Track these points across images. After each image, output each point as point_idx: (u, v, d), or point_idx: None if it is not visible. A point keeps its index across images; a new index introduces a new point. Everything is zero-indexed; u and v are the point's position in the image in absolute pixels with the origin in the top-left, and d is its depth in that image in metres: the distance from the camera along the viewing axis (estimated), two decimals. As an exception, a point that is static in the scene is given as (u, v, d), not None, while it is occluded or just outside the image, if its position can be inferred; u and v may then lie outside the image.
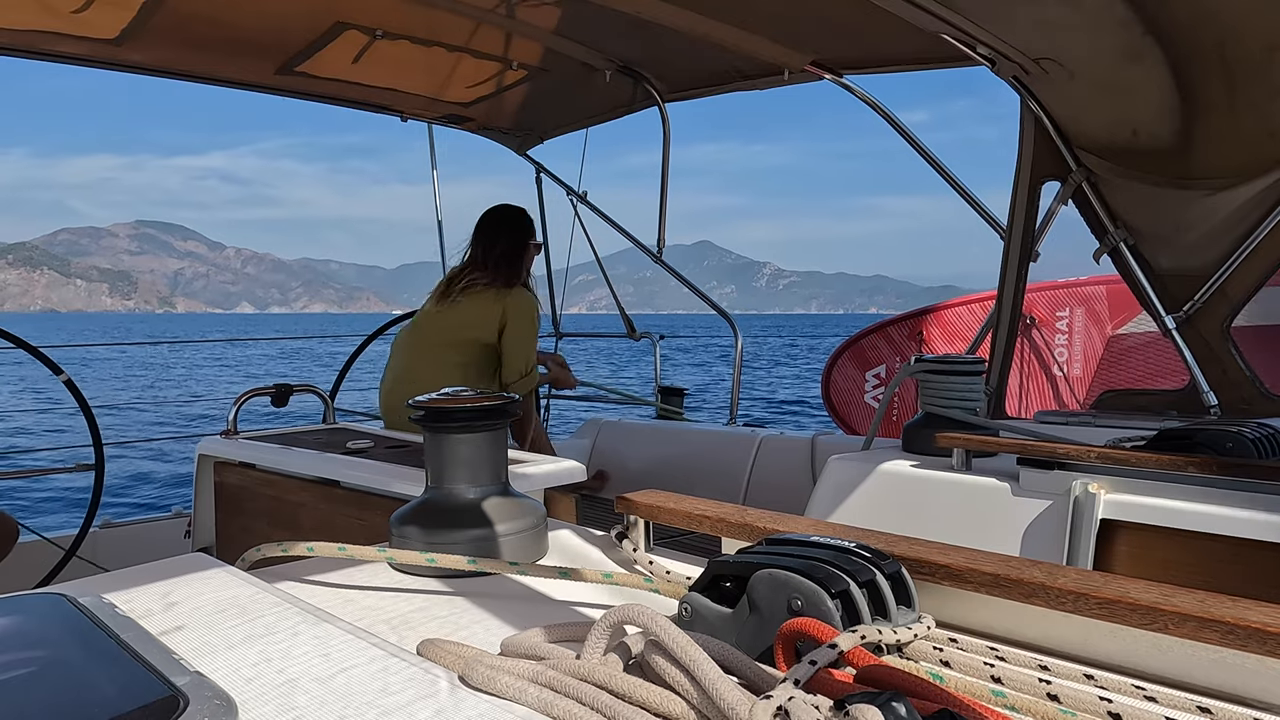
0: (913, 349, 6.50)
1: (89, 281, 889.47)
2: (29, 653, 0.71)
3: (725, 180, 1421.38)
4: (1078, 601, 0.80)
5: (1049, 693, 0.68)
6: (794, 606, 0.76)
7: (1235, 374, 2.81)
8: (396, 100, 4.22)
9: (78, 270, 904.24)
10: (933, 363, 2.38)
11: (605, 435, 4.53)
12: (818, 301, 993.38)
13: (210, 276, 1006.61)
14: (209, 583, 0.93)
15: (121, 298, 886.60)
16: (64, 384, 3.36)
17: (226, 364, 44.42)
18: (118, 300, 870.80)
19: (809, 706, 0.56)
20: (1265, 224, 2.65)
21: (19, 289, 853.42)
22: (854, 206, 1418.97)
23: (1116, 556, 1.78)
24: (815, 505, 2.24)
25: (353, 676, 0.68)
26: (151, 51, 3.43)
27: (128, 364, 41.02)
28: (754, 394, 25.57)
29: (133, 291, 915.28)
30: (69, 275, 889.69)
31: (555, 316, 5.29)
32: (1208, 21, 2.27)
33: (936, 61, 3.18)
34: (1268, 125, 2.44)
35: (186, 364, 43.69)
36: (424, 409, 1.17)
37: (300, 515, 2.28)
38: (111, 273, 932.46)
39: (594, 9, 3.06)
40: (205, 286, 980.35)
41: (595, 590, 1.06)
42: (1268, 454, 1.86)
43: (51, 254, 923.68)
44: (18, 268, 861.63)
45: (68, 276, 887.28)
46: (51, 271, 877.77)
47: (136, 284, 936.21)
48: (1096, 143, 2.88)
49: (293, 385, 2.95)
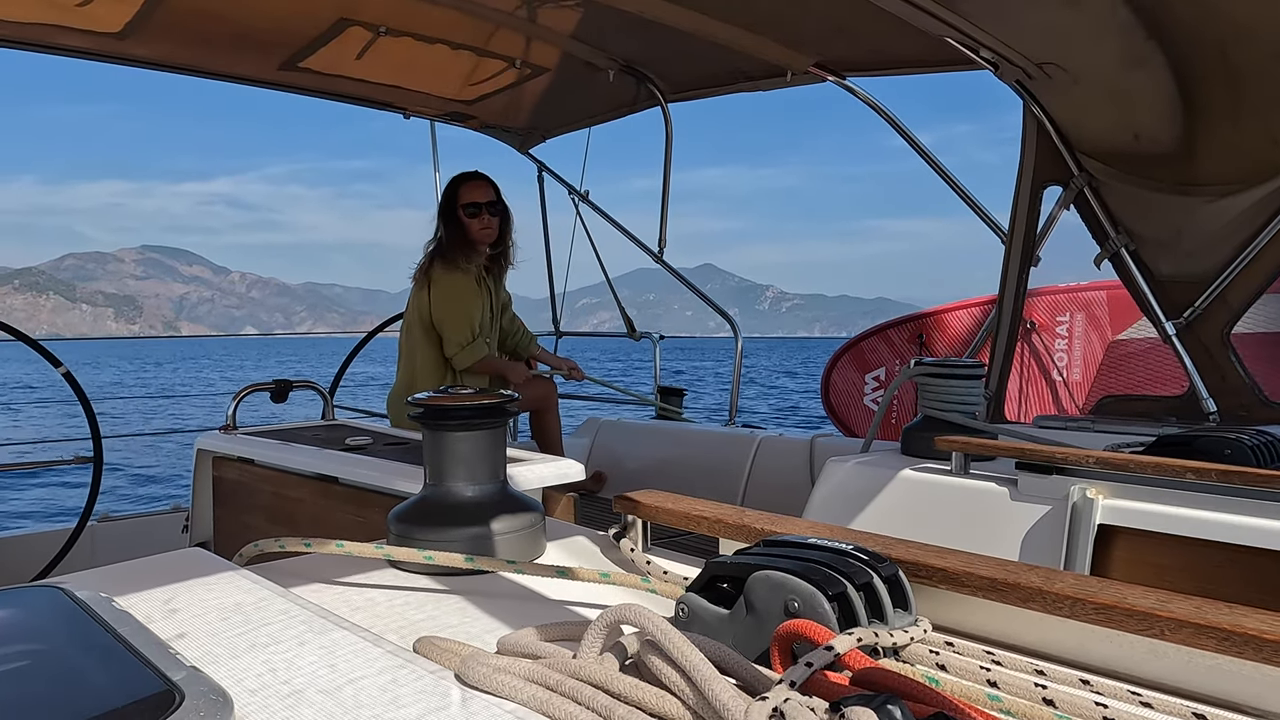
0: (912, 352, 6.50)
1: (94, 306, 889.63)
2: (25, 646, 0.71)
3: (728, 204, 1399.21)
4: (1074, 606, 0.80)
5: (1045, 697, 0.68)
6: (791, 608, 0.76)
7: (1234, 381, 2.81)
8: (399, 97, 4.22)
9: (83, 295, 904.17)
10: (932, 366, 2.38)
11: (604, 435, 4.52)
12: (820, 324, 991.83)
13: (215, 301, 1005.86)
14: (208, 582, 0.93)
15: (127, 322, 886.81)
16: (63, 376, 3.36)
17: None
18: (123, 324, 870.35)
19: (805, 709, 0.56)
20: (1266, 231, 2.65)
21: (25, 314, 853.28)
22: (857, 229, 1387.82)
23: (1114, 562, 1.77)
24: (813, 507, 2.24)
25: (360, 688, 0.68)
26: (155, 46, 3.43)
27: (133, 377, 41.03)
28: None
29: (138, 316, 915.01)
30: (74, 300, 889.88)
31: (556, 315, 5.28)
32: (1211, 27, 2.27)
33: (939, 65, 3.18)
34: (1270, 131, 2.43)
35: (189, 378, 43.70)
36: (423, 406, 1.17)
37: (298, 511, 2.28)
38: (117, 297, 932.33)
39: (598, 8, 3.06)
40: (210, 311, 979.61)
41: (592, 590, 1.06)
42: (1266, 461, 1.86)
43: (57, 279, 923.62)
44: (24, 293, 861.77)
45: (73, 301, 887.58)
46: (57, 296, 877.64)
47: (142, 308, 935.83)
48: (1099, 148, 2.88)
49: (292, 381, 2.95)
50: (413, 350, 3.63)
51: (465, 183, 3.62)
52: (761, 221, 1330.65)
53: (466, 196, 3.58)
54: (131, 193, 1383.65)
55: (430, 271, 3.58)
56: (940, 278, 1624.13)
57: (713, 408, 17.69)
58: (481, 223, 3.57)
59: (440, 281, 3.54)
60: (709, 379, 35.45)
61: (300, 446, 2.32)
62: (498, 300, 3.75)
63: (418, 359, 3.60)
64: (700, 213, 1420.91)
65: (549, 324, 5.24)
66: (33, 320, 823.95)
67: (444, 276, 3.54)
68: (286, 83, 3.92)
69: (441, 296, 3.53)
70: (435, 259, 3.60)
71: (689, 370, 39.15)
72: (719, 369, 37.03)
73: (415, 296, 3.63)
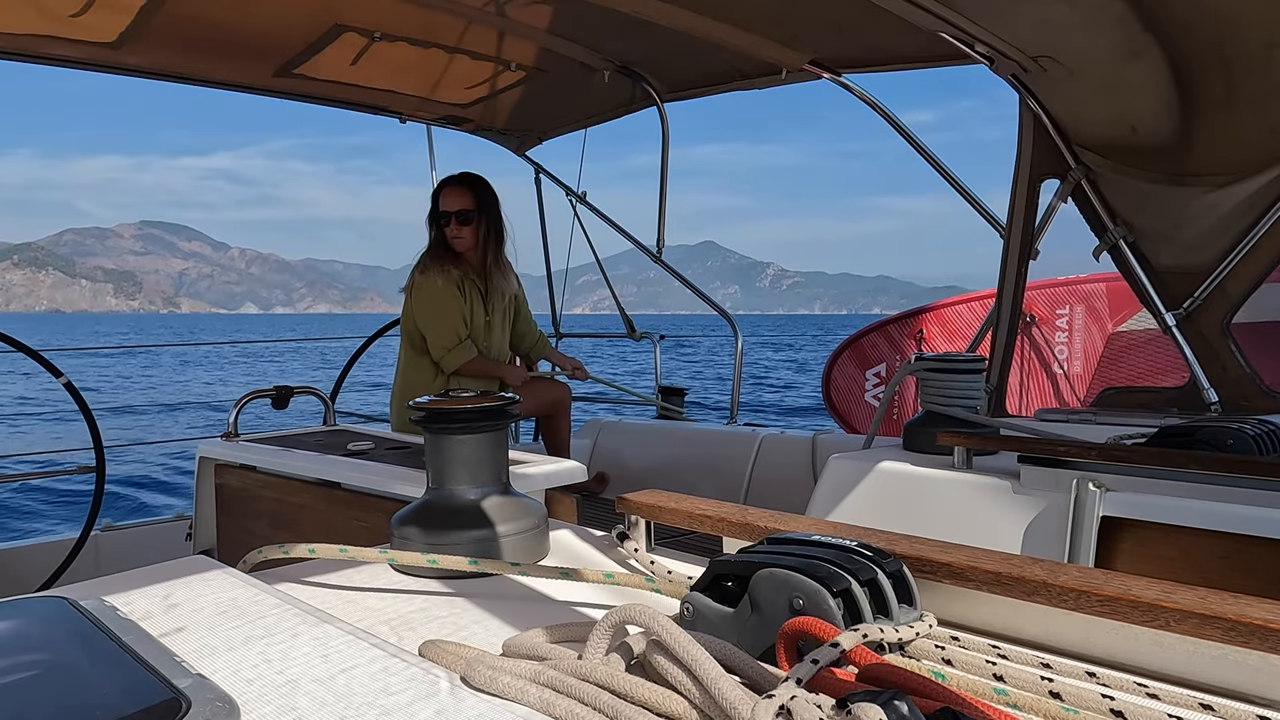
0: (913, 348, 6.49)
1: (94, 282, 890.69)
2: (31, 656, 0.71)
3: (729, 180, 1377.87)
4: (1079, 599, 0.80)
5: (1051, 690, 0.68)
6: (796, 605, 0.76)
7: (1235, 371, 2.81)
8: (395, 101, 4.22)
9: (83, 271, 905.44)
10: (933, 361, 2.38)
11: (606, 435, 4.53)
12: (821, 302, 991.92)
13: (215, 277, 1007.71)
14: (210, 585, 0.93)
15: (126, 298, 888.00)
16: (64, 387, 3.36)
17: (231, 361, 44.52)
18: (122, 301, 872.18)
19: (811, 705, 0.56)
20: (1265, 220, 2.65)
21: (24, 289, 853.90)
22: (858, 206, 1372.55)
23: (1118, 554, 1.78)
24: (816, 504, 2.24)
25: (353, 677, 0.68)
26: (149, 55, 3.43)
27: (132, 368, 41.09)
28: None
29: (137, 292, 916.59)
30: (74, 276, 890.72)
31: (555, 317, 5.28)
32: (1207, 18, 2.27)
33: (935, 60, 3.18)
34: (1267, 122, 2.43)
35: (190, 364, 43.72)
36: (424, 410, 1.17)
37: (301, 517, 2.28)
38: (116, 273, 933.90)
39: (592, 9, 3.06)
40: (210, 287, 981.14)
41: (596, 590, 1.06)
42: (1268, 450, 1.86)
43: (57, 254, 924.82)
44: (23, 268, 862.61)
45: (73, 277, 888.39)
46: (57, 272, 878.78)
47: (141, 284, 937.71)
48: (1095, 140, 2.88)
49: (293, 387, 2.95)
50: (407, 355, 3.71)
51: (445, 188, 3.66)
52: (762, 198, 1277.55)
53: (442, 203, 3.64)
54: (130, 167, 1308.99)
55: (412, 277, 3.68)
56: (941, 256, 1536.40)
57: (715, 406, 17.68)
58: (452, 230, 3.61)
59: (420, 287, 3.62)
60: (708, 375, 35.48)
61: (302, 452, 2.32)
62: (495, 303, 3.74)
63: (411, 364, 3.67)
64: (701, 189, 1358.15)
65: (547, 311, 5.24)
66: (32, 296, 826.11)
67: (422, 282, 3.61)
68: (282, 89, 3.92)
69: (420, 302, 3.60)
70: (416, 266, 3.69)
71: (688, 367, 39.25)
72: (719, 364, 37.10)
73: (405, 303, 3.71)
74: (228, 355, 47.55)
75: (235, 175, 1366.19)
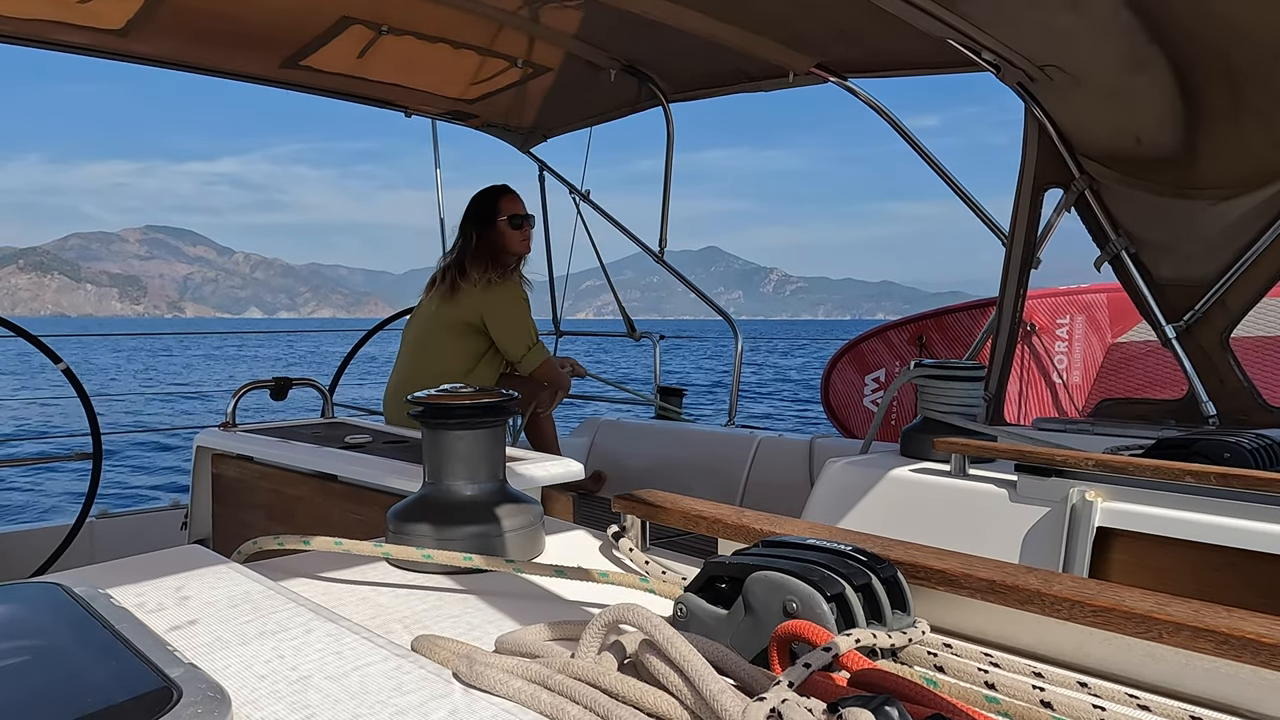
0: (912, 354, 6.49)
1: (99, 286, 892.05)
2: (23, 642, 0.71)
3: (734, 185, 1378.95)
4: (1073, 609, 0.80)
5: (1043, 700, 0.68)
6: (789, 609, 0.76)
7: (1234, 384, 2.81)
8: (401, 96, 4.22)
9: (88, 275, 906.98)
10: (932, 368, 2.38)
11: (603, 435, 4.53)
12: (824, 307, 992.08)
13: (219, 281, 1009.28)
14: (208, 577, 0.93)
15: (131, 302, 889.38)
16: (62, 372, 3.36)
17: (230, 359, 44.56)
18: (127, 305, 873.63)
19: (802, 709, 0.56)
20: (1267, 235, 2.65)
21: (30, 293, 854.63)
22: (862, 212, 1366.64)
23: (1112, 564, 1.78)
24: (812, 508, 2.24)
25: (367, 675, 0.69)
26: (156, 43, 3.43)
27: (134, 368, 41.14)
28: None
29: (142, 296, 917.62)
30: (79, 280, 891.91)
31: (556, 316, 5.28)
32: (1213, 29, 2.27)
33: (941, 66, 3.18)
34: (1272, 135, 2.43)
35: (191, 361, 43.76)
36: (423, 405, 1.17)
37: (297, 509, 2.28)
38: (121, 277, 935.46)
39: (600, 8, 3.06)
40: (214, 291, 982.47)
41: (591, 589, 1.06)
42: (1265, 465, 1.86)
43: (62, 259, 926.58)
44: (29, 272, 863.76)
45: (78, 281, 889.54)
46: (62, 276, 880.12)
47: (146, 289, 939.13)
48: (1100, 150, 2.88)
49: (291, 379, 2.95)
50: (456, 355, 3.59)
51: (505, 195, 3.74)
52: (766, 204, 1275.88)
53: (510, 209, 3.69)
54: (136, 172, 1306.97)
55: (468, 280, 3.59)
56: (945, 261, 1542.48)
57: (715, 402, 17.68)
58: (523, 235, 3.70)
59: (506, 289, 3.59)
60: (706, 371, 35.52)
61: (299, 444, 2.32)
62: None
63: (457, 361, 3.57)
64: (704, 194, 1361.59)
65: (548, 311, 5.25)
66: (37, 300, 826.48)
67: (508, 285, 3.61)
68: (288, 81, 3.92)
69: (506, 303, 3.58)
70: (473, 269, 3.61)
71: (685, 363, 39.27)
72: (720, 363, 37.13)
73: (443, 305, 3.60)
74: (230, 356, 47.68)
75: (240, 180, 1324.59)
